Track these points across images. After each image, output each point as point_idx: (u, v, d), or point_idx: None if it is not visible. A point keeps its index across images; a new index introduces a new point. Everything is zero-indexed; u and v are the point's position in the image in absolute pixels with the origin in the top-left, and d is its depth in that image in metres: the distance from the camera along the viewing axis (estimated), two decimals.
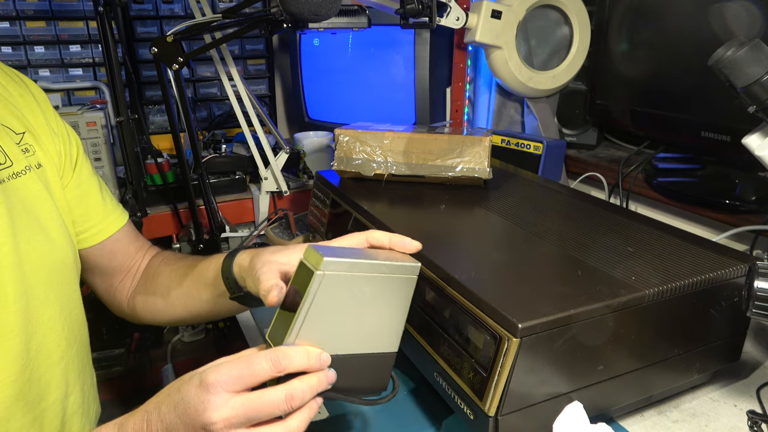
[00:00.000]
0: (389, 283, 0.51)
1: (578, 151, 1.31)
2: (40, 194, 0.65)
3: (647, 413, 0.66)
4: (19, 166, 0.63)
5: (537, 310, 0.52)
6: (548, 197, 0.88)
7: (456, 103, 1.40)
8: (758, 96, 0.65)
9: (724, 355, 0.65)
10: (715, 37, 0.90)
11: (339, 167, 0.93)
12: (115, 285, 0.80)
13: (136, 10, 1.49)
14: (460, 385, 0.56)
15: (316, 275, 0.46)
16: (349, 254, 0.50)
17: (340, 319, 0.49)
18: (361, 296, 0.50)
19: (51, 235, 0.65)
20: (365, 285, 0.50)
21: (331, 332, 0.49)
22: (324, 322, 0.48)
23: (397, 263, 0.52)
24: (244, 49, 1.65)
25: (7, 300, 0.58)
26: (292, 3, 0.84)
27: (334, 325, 0.49)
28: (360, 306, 0.50)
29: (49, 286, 0.64)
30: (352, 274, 0.49)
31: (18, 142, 0.65)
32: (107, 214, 0.77)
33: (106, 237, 0.76)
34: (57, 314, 0.65)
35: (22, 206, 0.62)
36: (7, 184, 0.61)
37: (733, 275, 0.62)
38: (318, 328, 0.48)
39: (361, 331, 0.51)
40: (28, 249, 0.61)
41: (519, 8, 1.15)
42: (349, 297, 0.49)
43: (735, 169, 1.01)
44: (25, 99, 0.69)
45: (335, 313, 0.49)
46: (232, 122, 1.60)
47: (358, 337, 0.51)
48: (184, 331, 1.45)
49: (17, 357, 0.59)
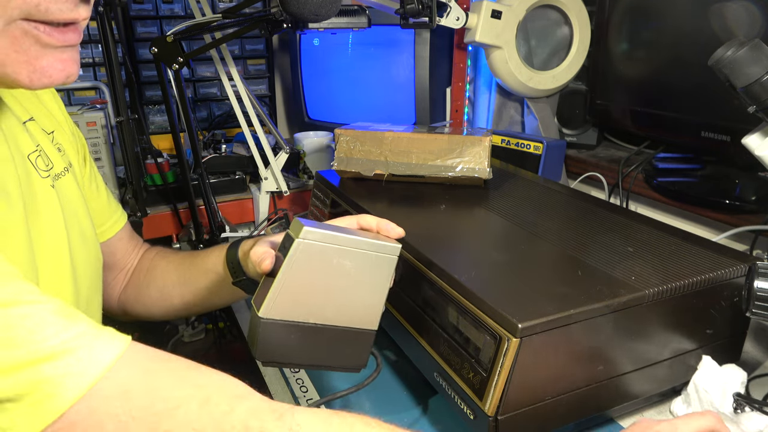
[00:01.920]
0: (368, 260, 0.54)
1: (578, 151, 1.31)
2: (76, 194, 0.65)
3: (647, 413, 0.66)
4: (59, 168, 0.63)
5: (537, 310, 0.52)
6: (548, 197, 0.88)
7: (456, 103, 1.40)
8: (758, 96, 0.65)
9: (724, 355, 0.65)
10: (715, 37, 0.90)
11: (339, 167, 0.93)
12: (108, 281, 0.80)
13: (136, 10, 1.49)
14: (460, 385, 0.56)
15: (295, 242, 0.50)
16: (332, 229, 0.53)
17: (318, 289, 0.52)
18: (340, 269, 0.52)
19: (87, 234, 0.66)
20: (343, 258, 0.52)
21: (308, 300, 0.52)
22: (302, 289, 0.51)
23: (377, 242, 0.54)
24: (244, 49, 1.65)
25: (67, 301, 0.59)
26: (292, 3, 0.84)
27: (312, 293, 0.52)
28: (338, 278, 0.53)
29: (92, 288, 0.65)
30: (330, 245, 0.51)
31: (52, 142, 0.64)
32: (112, 213, 0.77)
33: (111, 235, 0.77)
34: (97, 315, 0.67)
35: (68, 206, 0.62)
36: (57, 185, 0.61)
37: (733, 275, 0.62)
38: (295, 295, 0.51)
39: (338, 304, 0.54)
40: (77, 250, 0.62)
41: (519, 8, 1.15)
42: (327, 267, 0.52)
43: (735, 169, 1.01)
44: (47, 95, 0.68)
45: (313, 281, 0.52)
46: (232, 122, 1.60)
47: (336, 310, 0.54)
48: (184, 331, 1.45)
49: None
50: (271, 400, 0.45)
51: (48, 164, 0.60)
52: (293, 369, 0.75)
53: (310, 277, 0.52)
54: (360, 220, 0.61)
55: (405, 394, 0.70)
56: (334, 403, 0.68)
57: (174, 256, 0.81)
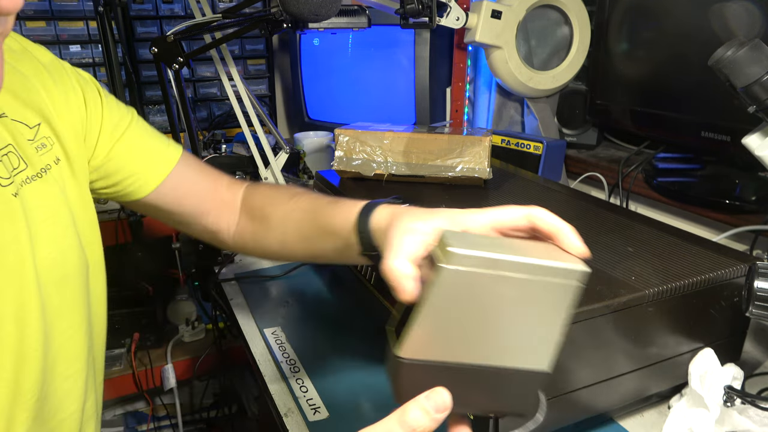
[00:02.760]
0: (538, 287, 0.41)
1: (578, 151, 1.31)
2: (56, 198, 0.59)
3: (647, 413, 0.66)
4: (34, 169, 0.57)
5: None
6: (548, 197, 0.88)
7: (456, 103, 1.40)
8: (758, 96, 0.65)
9: (724, 355, 0.65)
10: (715, 37, 0.90)
11: (339, 167, 0.93)
12: (212, 229, 0.75)
13: (136, 10, 1.50)
14: None
15: (441, 270, 0.39)
16: (490, 246, 0.40)
17: (472, 323, 0.41)
18: (500, 299, 0.41)
19: (66, 242, 0.60)
20: (505, 286, 0.40)
21: (460, 337, 0.41)
22: (451, 324, 0.41)
23: (552, 264, 0.40)
24: (244, 49, 1.65)
25: (29, 319, 0.55)
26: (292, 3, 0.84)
27: (464, 328, 0.41)
28: (498, 310, 0.41)
29: (63, 298, 0.59)
30: (487, 272, 0.39)
31: (33, 138, 0.58)
32: (157, 154, 0.70)
33: (162, 179, 0.70)
34: (74, 324, 0.61)
35: (37, 214, 0.56)
36: (23, 190, 0.55)
37: (733, 275, 0.62)
38: (444, 330, 0.41)
39: (498, 340, 0.42)
40: (45, 262, 0.57)
41: (519, 8, 1.15)
42: (484, 298, 0.40)
43: (735, 169, 1.01)
44: (40, 76, 0.61)
45: (466, 314, 0.40)
46: (232, 122, 1.60)
47: (496, 347, 0.42)
48: (184, 331, 1.45)
49: (29, 377, 0.55)
50: None
51: (18, 166, 0.55)
52: (294, 369, 0.75)
53: (462, 310, 0.40)
54: (533, 218, 0.45)
55: None
56: (346, 408, 0.68)
57: (289, 205, 0.70)
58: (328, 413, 0.66)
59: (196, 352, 1.42)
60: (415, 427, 0.38)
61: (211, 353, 1.40)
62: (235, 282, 0.99)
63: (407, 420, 0.38)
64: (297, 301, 0.93)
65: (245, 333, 0.84)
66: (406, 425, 0.38)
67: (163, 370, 1.38)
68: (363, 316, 0.85)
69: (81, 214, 0.63)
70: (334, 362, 0.76)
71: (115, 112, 0.68)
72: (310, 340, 0.81)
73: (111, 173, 0.68)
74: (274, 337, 0.82)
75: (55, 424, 0.60)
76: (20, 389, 0.55)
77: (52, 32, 1.43)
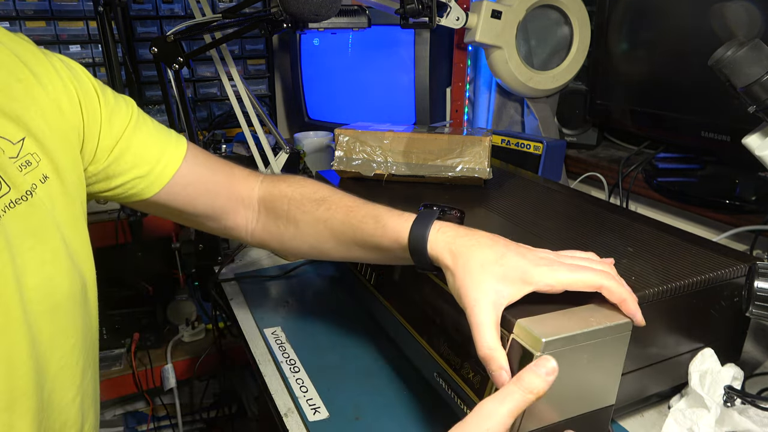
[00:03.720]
0: (603, 346, 0.50)
1: (578, 151, 1.31)
2: (43, 221, 0.54)
3: (647, 413, 0.66)
4: (18, 192, 0.52)
5: (536, 309, 0.52)
6: (548, 197, 0.88)
7: (456, 103, 1.40)
8: (758, 96, 0.65)
9: (724, 355, 0.65)
10: (715, 37, 0.90)
11: (339, 167, 0.93)
12: (228, 226, 0.73)
13: (136, 10, 1.50)
14: (460, 385, 0.56)
15: (536, 357, 0.46)
16: (560, 323, 0.48)
17: (557, 391, 0.47)
18: (577, 364, 0.49)
19: (57, 268, 0.55)
20: (581, 354, 0.48)
21: (548, 405, 0.48)
22: (542, 399, 0.46)
23: (611, 324, 0.49)
24: (244, 49, 1.65)
25: (18, 361, 0.51)
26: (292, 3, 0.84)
27: (551, 397, 0.46)
28: (575, 373, 0.49)
29: (56, 326, 0.55)
30: (569, 348, 0.47)
31: (16, 156, 0.52)
32: (162, 151, 0.66)
33: (167, 180, 0.66)
34: (69, 351, 0.57)
35: (22, 242, 0.52)
36: (5, 218, 0.50)
37: (733, 275, 0.62)
38: (535, 405, 0.46)
39: (577, 396, 0.50)
40: (33, 293, 0.52)
41: (519, 8, 1.15)
42: (566, 368, 0.47)
43: (735, 169, 1.01)
44: (24, 82, 0.54)
45: (551, 388, 0.46)
46: (232, 122, 1.61)
47: (575, 402, 0.50)
48: (184, 331, 1.45)
49: (33, 418, 0.53)
50: None
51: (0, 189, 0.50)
52: (294, 369, 0.75)
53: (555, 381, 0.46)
54: (604, 290, 0.51)
55: (405, 394, 0.70)
56: (346, 408, 0.68)
57: (320, 212, 0.67)
58: (328, 413, 0.66)
59: (196, 352, 1.42)
60: (531, 388, 0.44)
61: (211, 353, 1.40)
62: (235, 282, 0.99)
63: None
64: (297, 301, 0.93)
65: (245, 333, 0.84)
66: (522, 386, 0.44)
67: (163, 370, 1.38)
68: (363, 316, 0.85)
69: (71, 233, 0.58)
70: (334, 362, 0.76)
71: (114, 110, 0.63)
72: (310, 340, 0.81)
73: (115, 175, 0.64)
74: (274, 337, 0.82)
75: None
76: (15, 428, 0.52)
77: (52, 32, 1.43)
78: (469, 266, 0.51)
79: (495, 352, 0.47)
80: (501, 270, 0.51)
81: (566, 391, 0.49)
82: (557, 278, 0.50)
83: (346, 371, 0.74)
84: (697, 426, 0.59)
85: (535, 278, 0.50)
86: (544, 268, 0.51)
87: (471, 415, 0.44)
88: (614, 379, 0.52)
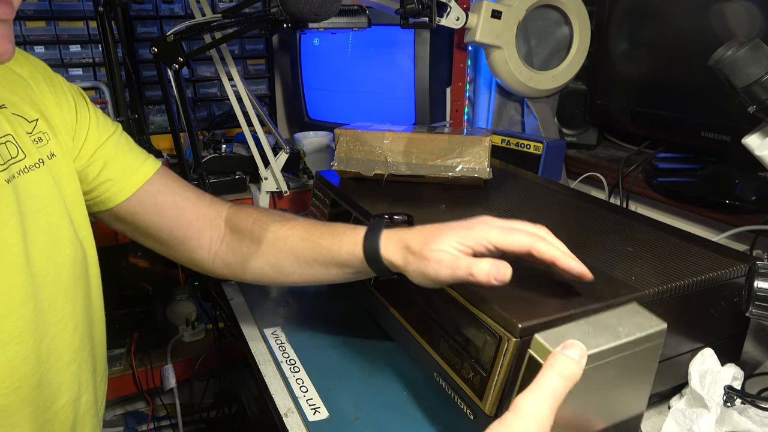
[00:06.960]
0: (631, 359, 0.46)
1: (578, 151, 1.31)
2: (50, 189, 0.61)
3: (647, 413, 0.66)
4: (32, 159, 0.59)
5: (537, 310, 0.52)
6: (548, 197, 0.88)
7: (456, 103, 1.40)
8: (758, 96, 0.65)
9: (724, 355, 0.65)
10: (715, 37, 0.90)
11: (339, 167, 0.93)
12: (192, 247, 0.74)
13: (136, 10, 1.49)
14: (460, 385, 0.56)
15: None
16: (584, 335, 0.44)
17: (583, 406, 0.45)
18: (604, 378, 0.45)
19: (60, 232, 0.61)
20: (608, 369, 0.45)
21: (574, 421, 0.46)
22: (565, 415, 0.43)
23: (642, 335, 0.46)
24: (244, 49, 1.65)
25: (13, 304, 0.56)
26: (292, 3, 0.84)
27: (577, 413, 0.45)
28: (602, 386, 0.46)
29: (58, 287, 0.61)
30: (597, 365, 0.43)
31: (31, 131, 0.60)
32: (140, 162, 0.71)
33: (132, 192, 0.70)
34: (69, 315, 0.62)
35: (32, 203, 0.58)
36: (18, 180, 0.57)
37: (733, 275, 0.62)
38: (559, 421, 0.42)
39: (606, 408, 0.48)
40: (37, 249, 0.58)
41: (519, 8, 1.15)
42: (590, 384, 0.44)
43: (735, 169, 1.01)
44: (35, 78, 0.64)
45: (576, 403, 0.43)
46: (232, 122, 1.60)
47: (604, 414, 0.48)
48: (184, 331, 1.45)
49: (22, 362, 0.57)
50: None
51: (16, 155, 0.57)
52: (294, 369, 0.75)
53: (572, 400, 0.42)
54: (534, 251, 0.54)
55: (405, 393, 0.70)
56: (346, 408, 0.68)
57: (284, 230, 0.71)
58: (328, 413, 0.66)
59: (196, 352, 1.42)
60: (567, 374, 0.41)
61: (211, 353, 1.40)
62: (235, 282, 0.99)
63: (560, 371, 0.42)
64: (297, 301, 0.93)
65: (245, 333, 0.84)
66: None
67: (163, 370, 1.38)
68: (363, 316, 0.85)
69: (74, 208, 0.65)
70: (334, 362, 0.76)
71: (101, 122, 0.70)
72: (310, 340, 0.81)
73: (90, 177, 0.69)
74: (274, 337, 0.82)
75: (51, 415, 0.61)
76: (17, 373, 0.56)
77: (52, 32, 1.43)
78: (420, 248, 0.57)
79: (473, 265, 0.53)
80: (445, 230, 0.58)
81: (596, 404, 0.47)
82: (489, 237, 0.56)
83: (346, 371, 0.74)
84: (697, 426, 0.59)
85: (472, 233, 0.56)
86: (482, 225, 0.57)
87: (509, 414, 0.41)
88: (646, 387, 0.50)
